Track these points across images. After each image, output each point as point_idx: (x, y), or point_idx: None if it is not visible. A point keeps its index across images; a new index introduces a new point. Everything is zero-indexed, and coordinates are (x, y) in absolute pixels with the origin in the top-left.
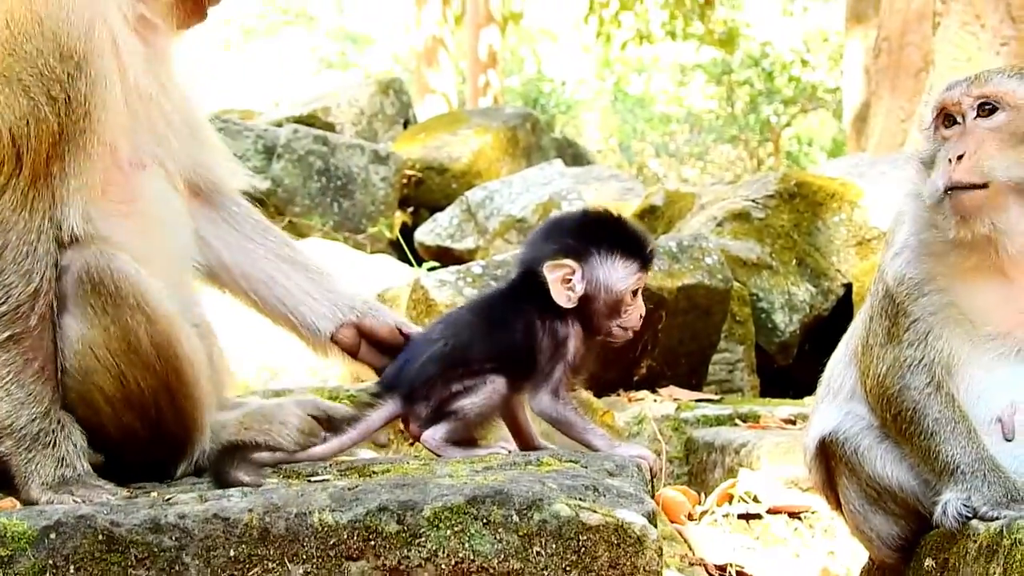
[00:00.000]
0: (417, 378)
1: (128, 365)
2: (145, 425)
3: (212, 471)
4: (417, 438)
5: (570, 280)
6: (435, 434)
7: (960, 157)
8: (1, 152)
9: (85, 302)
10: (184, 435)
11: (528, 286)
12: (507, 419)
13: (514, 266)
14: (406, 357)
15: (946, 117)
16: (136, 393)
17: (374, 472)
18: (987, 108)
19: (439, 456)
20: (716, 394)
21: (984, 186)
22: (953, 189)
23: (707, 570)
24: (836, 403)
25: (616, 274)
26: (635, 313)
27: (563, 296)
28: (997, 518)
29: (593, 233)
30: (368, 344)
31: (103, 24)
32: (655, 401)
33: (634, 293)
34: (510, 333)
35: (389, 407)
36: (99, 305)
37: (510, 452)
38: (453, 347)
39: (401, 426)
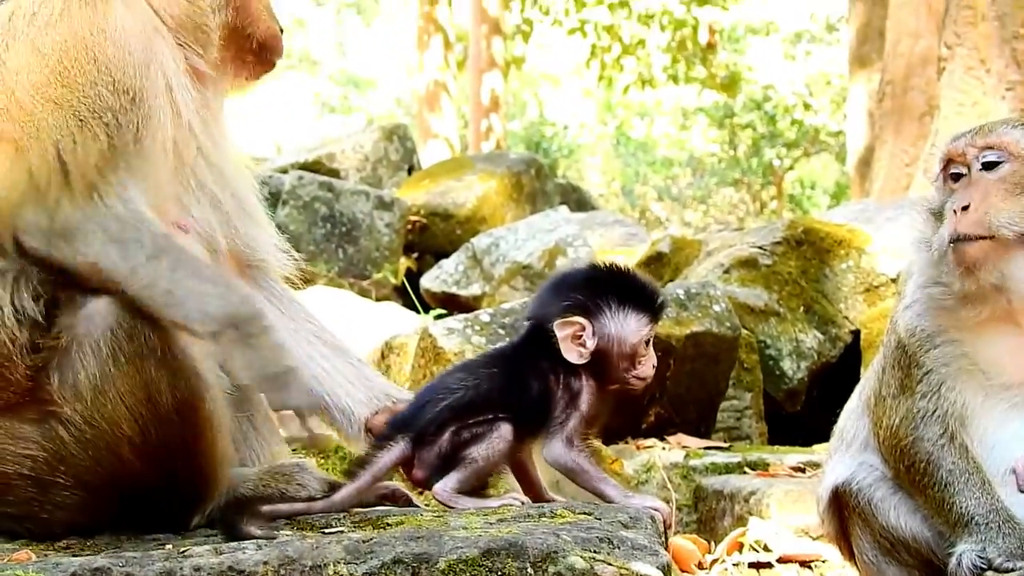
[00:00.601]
0: (429, 422)
1: (151, 416)
2: (163, 477)
3: (223, 523)
4: (418, 483)
5: (580, 336)
6: (446, 485)
7: (965, 208)
8: (49, 173)
9: (118, 350)
10: (199, 488)
11: (539, 340)
12: (516, 471)
13: (524, 320)
14: (419, 401)
15: (952, 168)
16: (157, 444)
17: (388, 524)
18: (993, 158)
19: (451, 508)
20: (724, 441)
21: (990, 237)
22: (958, 241)
23: None
24: (849, 454)
25: (628, 327)
26: (648, 363)
27: (574, 353)
28: (1013, 570)
29: (602, 288)
30: None
31: (158, 66)
32: (664, 449)
33: (646, 343)
34: (525, 386)
35: (399, 449)
36: (130, 353)
37: (523, 503)
38: (466, 395)
39: (403, 471)
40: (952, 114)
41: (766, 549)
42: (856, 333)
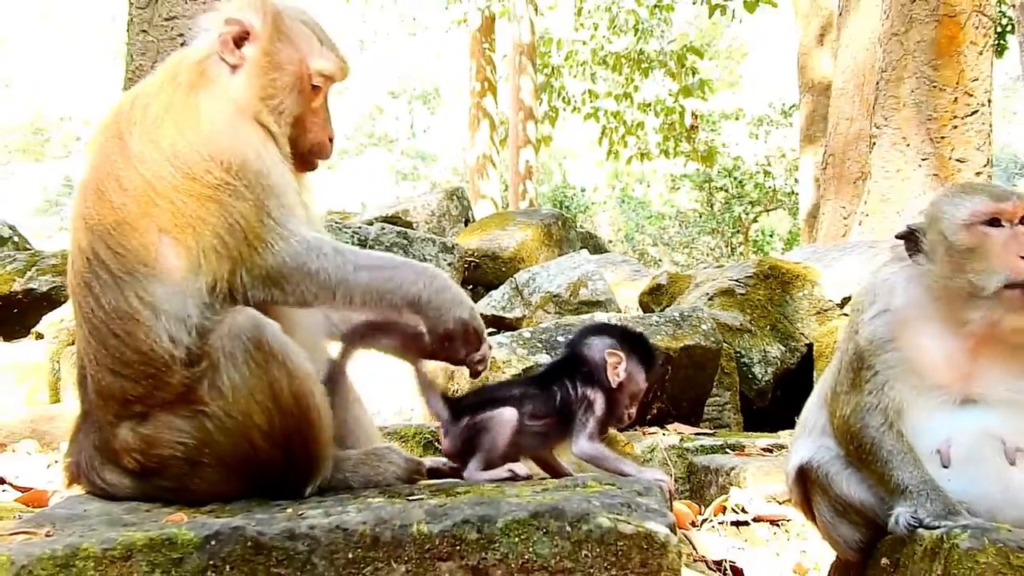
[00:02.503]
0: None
1: (275, 409)
2: (284, 456)
3: None
4: (451, 458)
5: (617, 367)
6: (470, 468)
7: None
8: (228, 247)
9: (248, 356)
10: (311, 465)
11: (572, 364)
12: (539, 463)
13: (566, 348)
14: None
15: (993, 221)
16: (279, 431)
17: (458, 493)
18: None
19: (470, 481)
20: (710, 429)
21: None
22: (1021, 285)
23: (707, 565)
24: (811, 438)
25: (640, 374)
26: (635, 408)
27: (613, 376)
28: (938, 527)
29: (633, 341)
30: None
31: (256, 145)
32: (664, 434)
33: (642, 393)
34: (555, 392)
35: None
36: (259, 360)
37: (520, 475)
38: (487, 394)
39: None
40: (880, 179)
41: (744, 511)
42: (810, 346)
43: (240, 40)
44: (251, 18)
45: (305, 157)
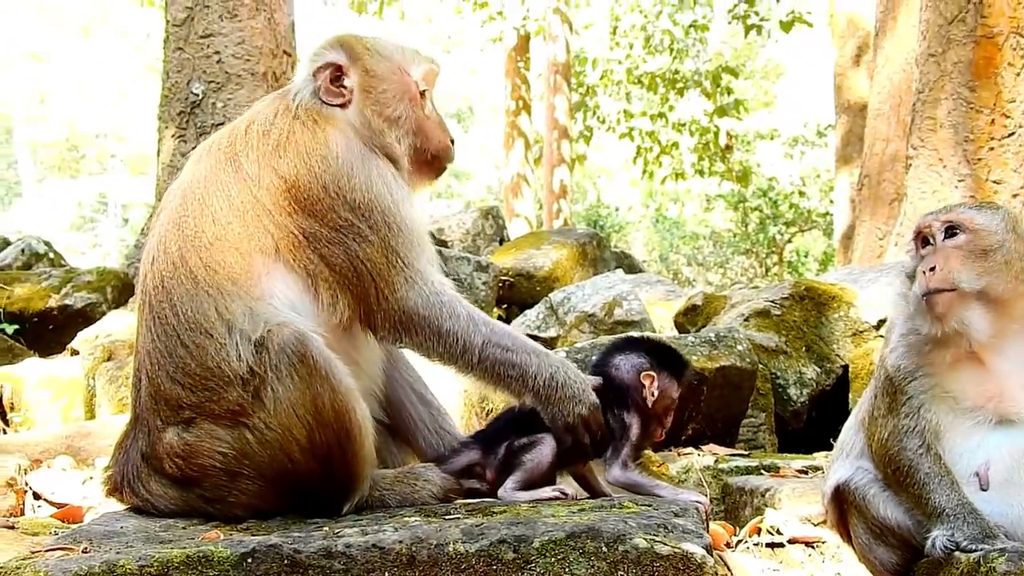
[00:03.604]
0: (494, 436)
1: (315, 423)
2: (323, 471)
3: None
4: (490, 484)
5: (650, 387)
6: (506, 486)
7: (932, 269)
8: (344, 287)
9: (292, 370)
10: (350, 481)
11: (606, 385)
12: (578, 480)
13: (593, 369)
14: (495, 421)
15: (922, 239)
16: (319, 445)
17: (494, 512)
18: (952, 231)
19: (508, 502)
20: (745, 450)
21: (952, 291)
22: (928, 294)
23: None
24: (848, 460)
25: (672, 387)
26: (671, 418)
27: (649, 397)
28: (975, 550)
29: (661, 355)
30: None
31: (378, 176)
32: (699, 455)
33: (675, 402)
34: None
35: (470, 454)
36: (302, 374)
37: (568, 494)
38: (523, 413)
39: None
40: (916, 200)
41: (778, 532)
42: (845, 367)
43: (336, 79)
44: (334, 56)
45: (431, 164)
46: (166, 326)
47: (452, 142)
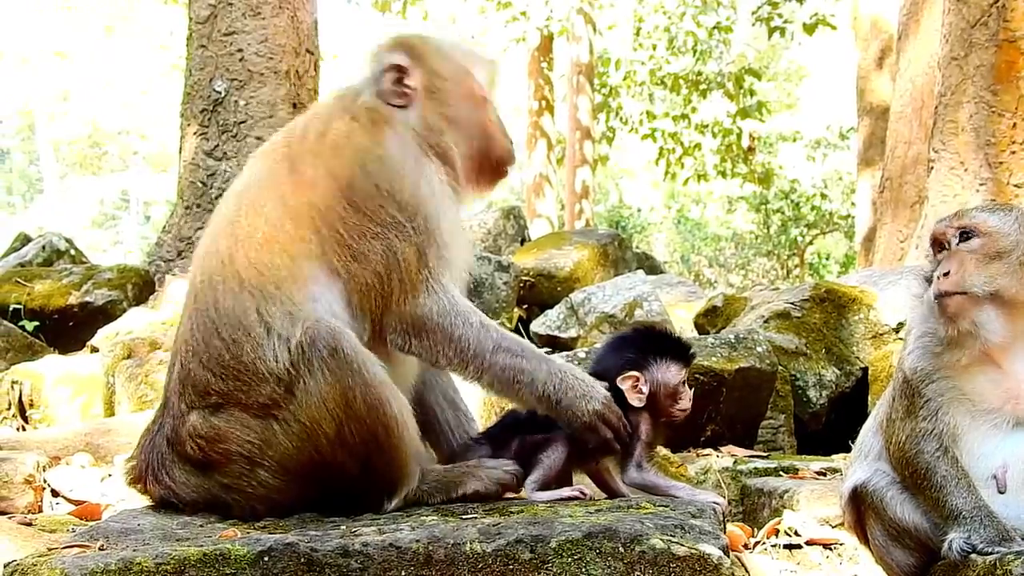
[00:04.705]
0: (502, 434)
1: (345, 417)
2: (358, 465)
3: None
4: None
5: (637, 386)
6: (527, 486)
7: (946, 273)
8: (380, 285)
9: (323, 364)
10: (391, 477)
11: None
12: (594, 479)
13: (590, 371)
14: (503, 419)
15: (937, 244)
16: (350, 439)
17: (511, 512)
18: (966, 235)
19: (529, 501)
20: (764, 451)
21: (964, 294)
22: (941, 297)
23: None
24: (867, 462)
25: (669, 373)
26: (686, 397)
27: (635, 399)
28: (992, 553)
29: (649, 345)
30: None
31: (427, 182)
32: (718, 456)
33: (684, 383)
34: None
35: (481, 452)
36: (332, 367)
37: (587, 495)
38: (534, 416)
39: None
40: (938, 203)
41: (796, 534)
42: (865, 370)
43: (399, 80)
44: (398, 57)
45: (493, 170)
46: (206, 319)
47: (511, 143)
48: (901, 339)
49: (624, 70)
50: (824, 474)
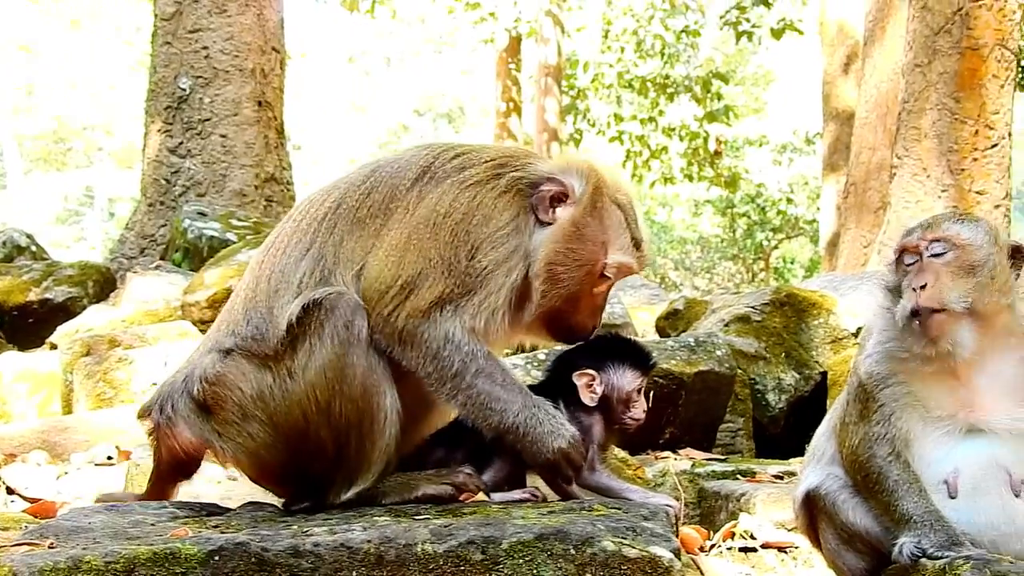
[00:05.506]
0: (455, 433)
1: (339, 391)
2: (335, 446)
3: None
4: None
5: (592, 385)
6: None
7: (922, 287)
8: (399, 289)
9: (334, 332)
10: (357, 467)
11: (561, 386)
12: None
13: (549, 369)
14: (454, 422)
15: (906, 256)
16: (337, 416)
17: (464, 513)
18: (939, 247)
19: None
20: (722, 455)
21: (943, 310)
22: (918, 313)
23: None
24: (819, 466)
25: (625, 378)
26: (639, 407)
27: (588, 397)
28: (942, 557)
29: (608, 349)
30: None
31: (506, 258)
32: (676, 459)
33: (639, 392)
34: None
35: (437, 451)
36: (343, 338)
37: (537, 496)
38: None
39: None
40: (900, 209)
41: (752, 537)
42: (824, 374)
43: (556, 200)
44: (574, 182)
45: (560, 330)
46: (268, 259)
47: (595, 327)
48: (859, 344)
49: (592, 72)
50: (781, 478)
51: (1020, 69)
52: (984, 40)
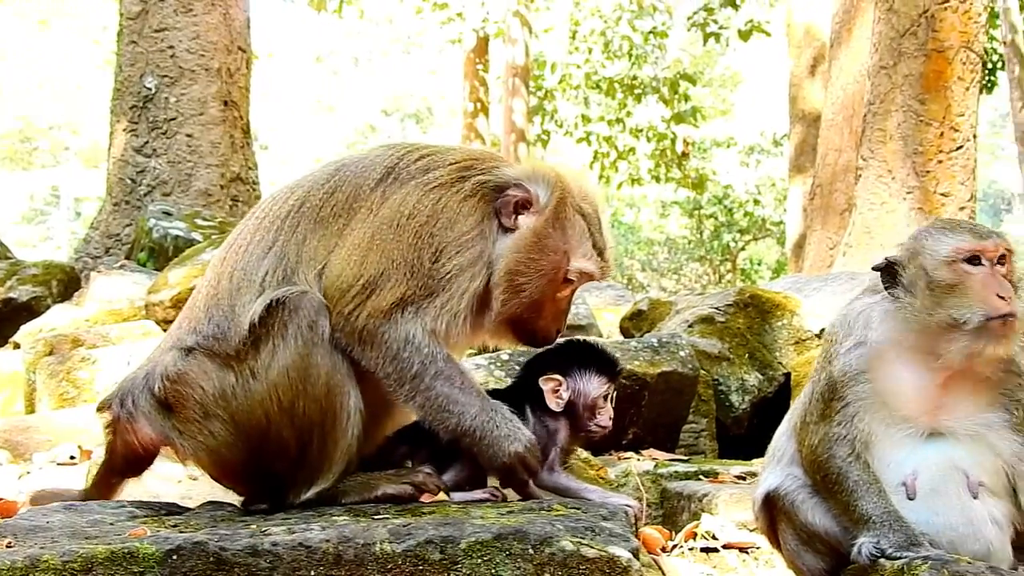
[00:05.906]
0: (416, 431)
1: (303, 391)
2: (297, 446)
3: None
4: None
5: (558, 390)
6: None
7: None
8: (360, 289)
9: (298, 332)
10: (319, 467)
11: (528, 391)
12: None
13: (518, 374)
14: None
15: (973, 258)
16: (300, 417)
17: (423, 512)
18: (1003, 257)
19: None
20: (685, 455)
21: (1014, 316)
22: (1000, 318)
23: None
24: (779, 467)
25: (591, 385)
26: (606, 414)
27: (553, 402)
28: (900, 558)
29: (576, 355)
30: None
31: (471, 261)
32: (639, 460)
33: (605, 398)
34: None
35: (400, 451)
36: (307, 338)
37: (497, 496)
38: None
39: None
40: (865, 211)
41: (714, 538)
42: (787, 375)
43: (520, 206)
44: (539, 191)
45: (524, 333)
46: (233, 255)
47: (558, 331)
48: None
49: (560, 73)
50: (744, 478)
51: (985, 72)
52: (950, 42)
